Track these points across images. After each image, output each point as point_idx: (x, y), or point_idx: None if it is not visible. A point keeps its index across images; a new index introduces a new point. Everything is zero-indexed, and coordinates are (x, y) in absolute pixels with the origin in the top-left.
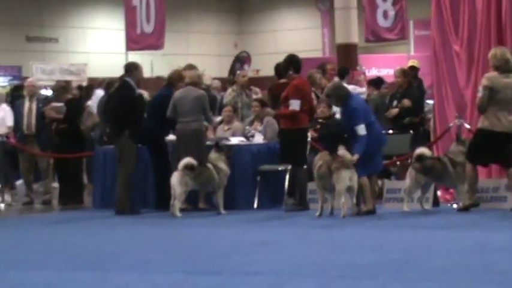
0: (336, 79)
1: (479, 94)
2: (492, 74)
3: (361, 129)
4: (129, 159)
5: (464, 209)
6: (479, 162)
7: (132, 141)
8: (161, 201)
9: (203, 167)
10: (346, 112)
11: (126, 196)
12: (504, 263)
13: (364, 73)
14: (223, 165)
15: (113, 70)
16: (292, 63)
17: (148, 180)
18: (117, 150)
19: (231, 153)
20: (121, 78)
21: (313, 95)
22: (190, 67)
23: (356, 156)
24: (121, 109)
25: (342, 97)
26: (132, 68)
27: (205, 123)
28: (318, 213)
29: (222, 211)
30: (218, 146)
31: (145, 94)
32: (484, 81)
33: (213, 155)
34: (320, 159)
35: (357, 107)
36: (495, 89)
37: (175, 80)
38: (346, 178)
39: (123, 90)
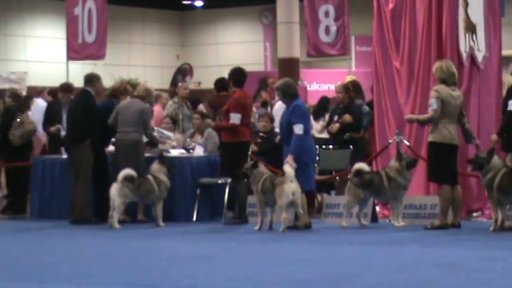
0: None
1: (434, 106)
2: (440, 86)
3: (299, 128)
4: (88, 169)
5: (437, 228)
6: (450, 181)
7: (91, 151)
8: (100, 212)
9: (143, 179)
10: (289, 109)
11: (86, 205)
12: (441, 279)
13: (305, 87)
14: (164, 178)
15: (53, 79)
16: (233, 76)
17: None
18: (75, 158)
19: (175, 166)
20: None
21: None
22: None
23: (290, 158)
24: (83, 118)
25: (288, 94)
26: (94, 79)
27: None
28: (257, 227)
29: (161, 223)
30: (161, 158)
31: None
32: (434, 94)
33: (155, 166)
34: (264, 173)
35: (300, 105)
36: (445, 101)
37: (120, 92)
38: (289, 193)
39: (85, 98)
